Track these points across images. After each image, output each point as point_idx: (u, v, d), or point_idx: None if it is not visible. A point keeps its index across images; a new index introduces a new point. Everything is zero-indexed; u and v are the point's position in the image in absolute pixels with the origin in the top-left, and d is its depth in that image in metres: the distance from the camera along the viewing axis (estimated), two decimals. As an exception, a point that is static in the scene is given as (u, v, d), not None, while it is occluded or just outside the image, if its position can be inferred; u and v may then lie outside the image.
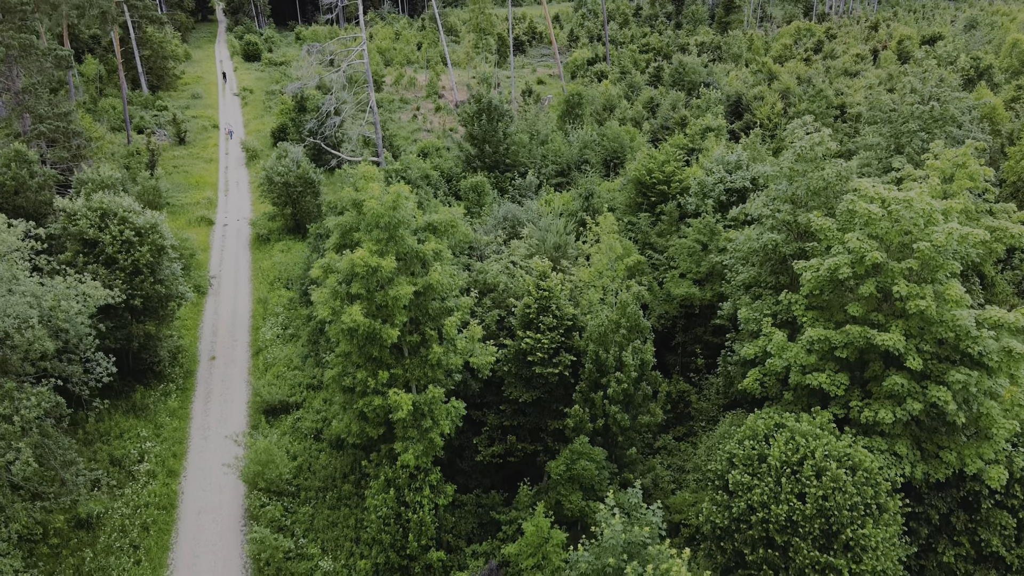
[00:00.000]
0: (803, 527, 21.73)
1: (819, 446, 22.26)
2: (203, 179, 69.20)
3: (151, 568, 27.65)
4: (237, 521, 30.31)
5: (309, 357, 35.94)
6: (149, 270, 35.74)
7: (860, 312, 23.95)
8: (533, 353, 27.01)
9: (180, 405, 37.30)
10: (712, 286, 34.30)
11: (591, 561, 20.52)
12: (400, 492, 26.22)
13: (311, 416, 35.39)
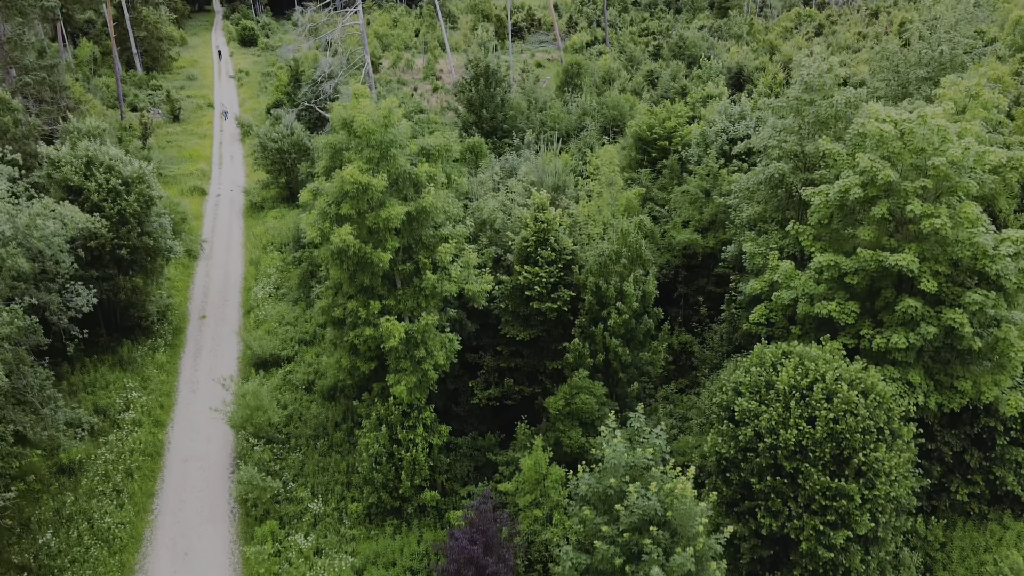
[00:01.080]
0: (813, 452, 20.76)
1: (829, 370, 21.30)
2: (197, 152, 68.22)
3: (135, 512, 26.63)
4: (225, 469, 29.30)
5: (300, 301, 34.96)
6: (136, 220, 34.74)
7: (871, 236, 23.02)
8: (531, 288, 26.05)
9: (168, 360, 36.29)
10: (715, 234, 33.37)
11: (591, 484, 19.55)
12: (392, 430, 25.24)
13: (303, 369, 34.40)
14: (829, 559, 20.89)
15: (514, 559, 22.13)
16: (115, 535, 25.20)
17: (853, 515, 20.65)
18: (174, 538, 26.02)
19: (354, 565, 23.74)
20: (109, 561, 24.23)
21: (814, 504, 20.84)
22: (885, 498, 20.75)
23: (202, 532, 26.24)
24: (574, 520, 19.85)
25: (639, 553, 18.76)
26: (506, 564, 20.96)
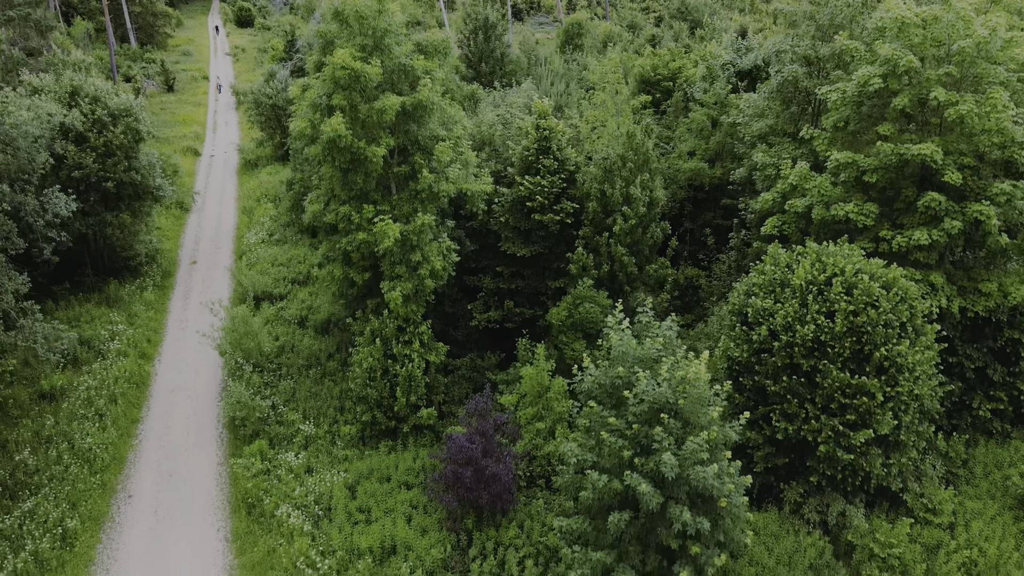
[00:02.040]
0: (832, 348, 19.60)
1: (849, 263, 20.13)
2: (191, 118, 67.11)
3: (118, 435, 25.42)
4: (214, 399, 28.09)
5: (291, 225, 33.80)
6: (123, 154, 33.51)
7: (891, 132, 21.87)
8: (533, 199, 24.88)
9: (157, 299, 35.11)
10: (723, 163, 32.21)
11: (597, 377, 18.37)
12: (387, 344, 24.06)
13: (295, 306, 33.22)
14: (848, 462, 19.74)
15: (514, 465, 20.96)
16: (96, 455, 23.99)
17: (874, 414, 19.50)
18: (159, 460, 24.83)
19: (346, 480, 22.55)
20: (89, 480, 23.02)
21: (833, 404, 19.69)
22: (908, 395, 19.60)
23: (188, 456, 25.04)
24: (580, 418, 18.68)
25: (649, 445, 17.61)
26: (506, 466, 19.79)
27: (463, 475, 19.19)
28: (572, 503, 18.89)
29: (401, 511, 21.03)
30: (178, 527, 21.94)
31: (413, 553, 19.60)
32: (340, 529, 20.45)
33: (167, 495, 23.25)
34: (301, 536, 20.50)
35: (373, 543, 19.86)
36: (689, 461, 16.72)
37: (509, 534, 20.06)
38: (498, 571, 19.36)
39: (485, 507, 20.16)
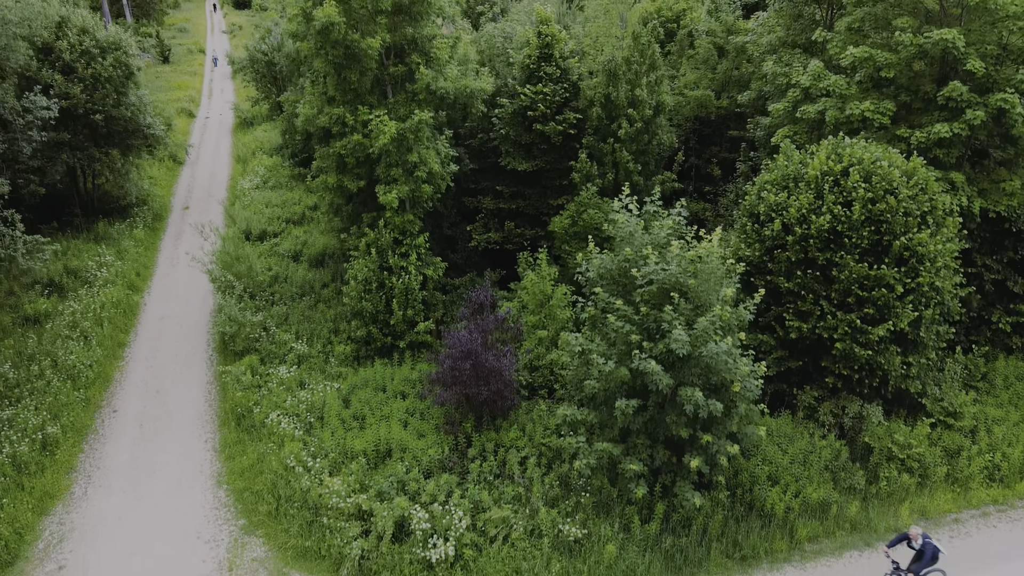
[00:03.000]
0: (849, 238, 18.69)
1: (867, 152, 19.21)
2: (186, 84, 66.14)
3: (103, 355, 24.47)
4: (203, 325, 27.14)
5: (285, 149, 32.89)
6: (112, 87, 32.55)
7: (910, 24, 20.93)
8: (535, 108, 23.95)
9: (148, 238, 34.16)
10: (728, 93, 31.27)
11: (604, 261, 17.44)
12: (383, 256, 23.11)
13: (290, 242, 32.30)
14: (865, 360, 18.83)
15: (516, 373, 20.04)
16: (80, 372, 23.04)
17: (893, 307, 18.58)
18: (145, 379, 23.89)
19: (340, 392, 21.61)
20: (72, 395, 22.06)
21: (850, 298, 18.77)
22: (929, 287, 18.67)
23: (176, 375, 24.11)
24: (586, 310, 17.75)
25: (658, 330, 16.69)
26: (506, 360, 18.85)
27: (461, 369, 18.25)
28: (577, 395, 17.99)
29: (397, 417, 20.09)
30: (164, 439, 21.01)
31: (409, 453, 18.66)
32: (333, 433, 19.51)
33: (153, 410, 22.31)
34: (292, 441, 19.57)
35: (367, 446, 18.92)
36: (701, 339, 15.81)
37: (510, 435, 19.13)
38: (498, 471, 18.42)
39: (485, 406, 19.23)
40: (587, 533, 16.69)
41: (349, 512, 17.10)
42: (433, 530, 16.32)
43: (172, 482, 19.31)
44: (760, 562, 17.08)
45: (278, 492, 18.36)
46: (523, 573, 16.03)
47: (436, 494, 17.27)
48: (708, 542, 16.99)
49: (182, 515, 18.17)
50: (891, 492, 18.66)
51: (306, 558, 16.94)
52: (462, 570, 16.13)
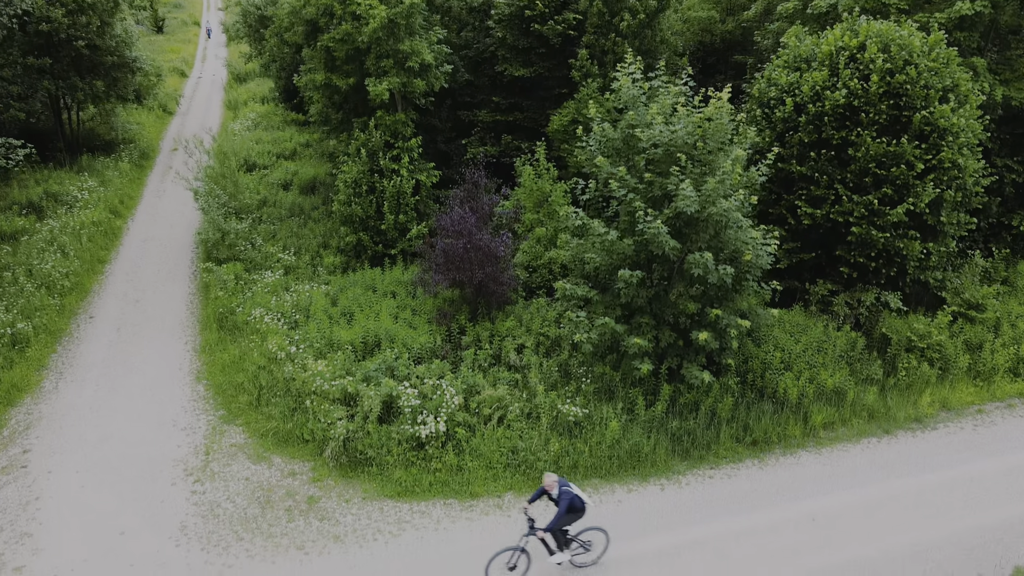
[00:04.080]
0: (866, 113, 17.62)
1: (885, 26, 18.12)
2: (179, 49, 65.11)
3: (82, 268, 23.39)
4: (188, 247, 26.08)
5: (274, 63, 31.83)
6: (96, 14, 31.45)
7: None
8: (532, 7, 22.86)
9: (134, 172, 33.09)
10: (735, 17, 30.18)
11: (606, 131, 16.37)
12: (374, 158, 22.04)
13: (279, 172, 31.24)
14: (882, 245, 17.74)
15: (512, 246, 18.96)
16: (56, 281, 21.96)
17: (913, 186, 17.51)
18: (125, 291, 22.82)
19: (328, 292, 20.53)
20: (46, 300, 20.98)
21: (867, 178, 17.70)
22: (951, 165, 17.59)
23: (158, 287, 23.04)
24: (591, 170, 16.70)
25: (664, 198, 15.65)
26: (501, 241, 17.76)
27: (455, 248, 17.17)
28: (577, 272, 16.93)
29: (387, 312, 19.02)
30: (142, 341, 19.93)
31: (399, 342, 17.59)
32: (319, 327, 18.43)
33: (132, 316, 21.25)
34: (276, 335, 18.49)
35: (354, 337, 17.84)
36: (710, 199, 14.76)
37: (506, 325, 18.05)
38: (494, 360, 17.35)
39: (480, 297, 18.16)
40: (588, 414, 15.62)
41: (334, 396, 16.02)
42: (423, 407, 15.24)
43: (148, 378, 18.24)
44: (772, 447, 16.02)
45: (259, 383, 17.29)
46: (520, 452, 14.96)
47: (427, 377, 16.20)
48: (717, 425, 15.93)
49: (157, 406, 17.10)
50: (910, 383, 17.60)
51: (288, 443, 15.87)
52: (454, 449, 15.06)
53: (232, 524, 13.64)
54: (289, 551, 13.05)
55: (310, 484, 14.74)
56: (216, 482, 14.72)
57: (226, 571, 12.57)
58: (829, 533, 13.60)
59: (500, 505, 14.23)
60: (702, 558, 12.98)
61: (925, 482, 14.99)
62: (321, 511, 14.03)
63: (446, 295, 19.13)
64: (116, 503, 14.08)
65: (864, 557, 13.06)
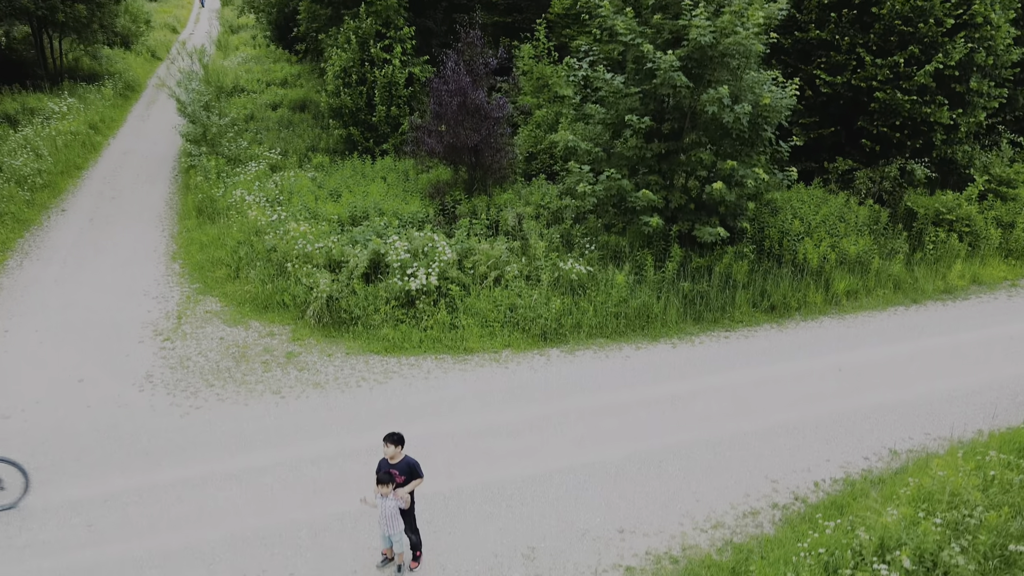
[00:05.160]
0: (891, -32, 16.38)
1: None
2: (171, 11, 63.85)
3: (56, 170, 22.15)
4: (171, 159, 24.85)
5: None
6: (80, -67, 30.27)
7: None
8: None
9: (118, 101, 31.87)
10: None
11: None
12: (365, 46, 20.80)
13: (269, 95, 29.99)
14: (908, 111, 16.52)
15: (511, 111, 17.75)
16: (28, 177, 20.72)
17: (942, 44, 16.28)
18: (101, 190, 21.61)
19: (316, 177, 19.31)
20: (18, 194, 19.72)
21: (892, 36, 16.47)
22: (983, 19, 16.36)
23: (136, 188, 21.83)
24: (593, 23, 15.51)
25: (674, 41, 14.45)
26: (498, 104, 16.54)
27: (449, 107, 15.94)
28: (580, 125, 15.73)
29: (377, 189, 17.81)
30: (115, 229, 18.71)
31: (389, 212, 16.36)
32: (303, 202, 17.22)
33: (107, 210, 20.04)
34: (258, 209, 17.26)
35: (341, 211, 16.62)
36: (725, 32, 13.56)
37: (504, 197, 16.84)
38: (491, 232, 16.12)
39: (477, 167, 16.93)
40: (592, 273, 14.40)
41: (317, 261, 14.79)
42: (413, 261, 14.02)
43: (120, 258, 17.01)
44: (792, 314, 14.80)
45: (239, 256, 16.06)
46: (519, 309, 13.74)
47: (418, 236, 14.96)
48: (732, 289, 14.72)
49: (128, 280, 15.88)
50: (938, 257, 16.38)
51: (268, 309, 14.64)
52: (447, 307, 13.84)
53: (203, 374, 12.42)
54: (264, 396, 11.84)
55: (289, 343, 13.53)
56: (188, 341, 13.50)
57: (193, 412, 11.36)
58: (857, 382, 12.40)
59: (497, 359, 13.02)
60: (719, 402, 11.78)
61: (961, 340, 13.79)
62: (300, 363, 12.81)
63: (440, 174, 17.93)
64: (77, 357, 12.87)
65: (897, 400, 11.85)
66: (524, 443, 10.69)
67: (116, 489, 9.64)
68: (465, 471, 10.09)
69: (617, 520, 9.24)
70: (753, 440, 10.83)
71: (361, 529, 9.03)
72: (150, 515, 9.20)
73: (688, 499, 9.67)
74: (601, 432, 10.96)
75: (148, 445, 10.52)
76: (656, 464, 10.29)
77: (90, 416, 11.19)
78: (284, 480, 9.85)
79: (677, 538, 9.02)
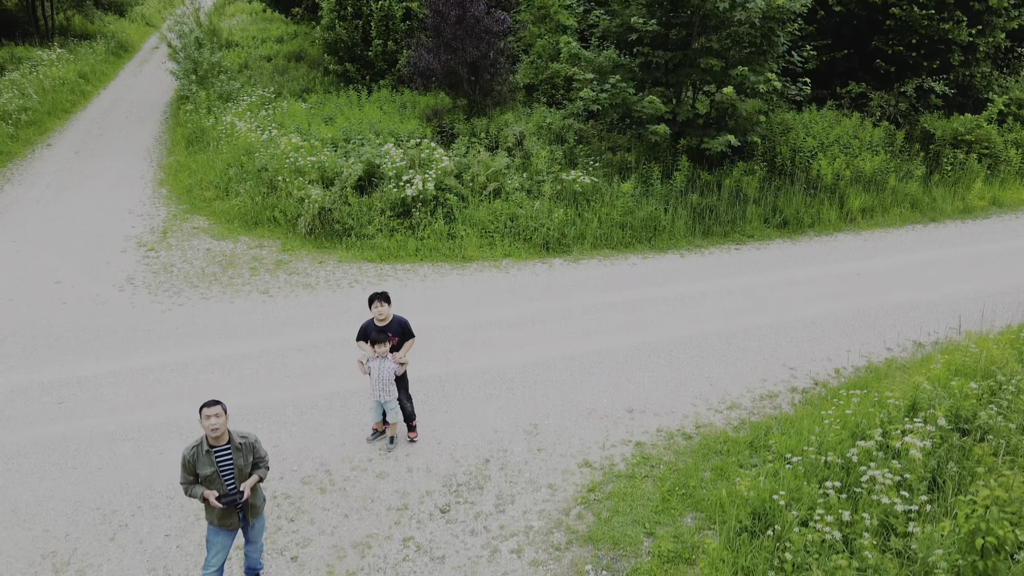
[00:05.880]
0: None
1: None
2: (168, -14, 63.05)
3: (43, 111, 21.49)
4: (162, 106, 24.19)
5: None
6: None
7: None
8: None
9: (111, 58, 31.15)
10: None
11: None
12: (360, -22, 20.14)
13: (266, 49, 29.30)
14: (925, 28, 15.85)
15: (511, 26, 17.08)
16: (12, 114, 20.04)
17: (960, -44, 15.62)
18: (88, 129, 20.98)
19: (308, 108, 18.66)
20: (1, 129, 19.08)
21: (908, -51, 15.79)
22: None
23: (124, 128, 21.18)
24: None
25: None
26: (498, 20, 15.87)
27: (447, 19, 15.27)
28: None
29: (373, 112, 17.16)
30: (102, 160, 18.06)
31: (385, 131, 15.71)
32: (296, 123, 16.58)
33: (94, 145, 19.39)
34: (250, 132, 16.61)
35: (336, 133, 15.98)
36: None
37: (505, 117, 16.19)
38: (491, 150, 15.46)
39: (475, 80, 16.26)
40: (596, 184, 13.76)
41: (311, 176, 14.14)
42: (410, 168, 13.39)
43: (105, 183, 16.37)
44: (805, 230, 14.17)
45: (228, 176, 15.42)
46: (520, 219, 13.10)
47: (413, 148, 14.32)
48: (743, 203, 14.08)
49: (112, 200, 15.25)
50: (956, 179, 15.73)
51: (258, 225, 14.00)
52: (445, 217, 13.20)
53: (188, 278, 11.80)
54: (251, 295, 11.21)
55: (279, 253, 12.89)
56: (173, 252, 12.87)
57: (175, 308, 10.74)
58: (877, 283, 11.78)
59: (497, 267, 12.39)
60: (732, 300, 11.15)
61: (984, 250, 13.17)
62: (290, 269, 12.19)
63: (440, 101, 17.27)
64: (54, 262, 12.24)
65: (919, 300, 11.22)
66: (525, 334, 10.07)
67: (90, 373, 9.03)
68: (463, 358, 9.48)
69: (625, 401, 8.63)
70: (769, 332, 10.21)
71: (351, 407, 8.42)
72: (125, 395, 8.59)
73: (701, 383, 9.05)
74: (607, 325, 10.34)
75: (126, 336, 9.90)
76: (666, 352, 9.67)
77: (66, 312, 10.57)
78: (269, 366, 9.23)
79: (690, 417, 8.41)
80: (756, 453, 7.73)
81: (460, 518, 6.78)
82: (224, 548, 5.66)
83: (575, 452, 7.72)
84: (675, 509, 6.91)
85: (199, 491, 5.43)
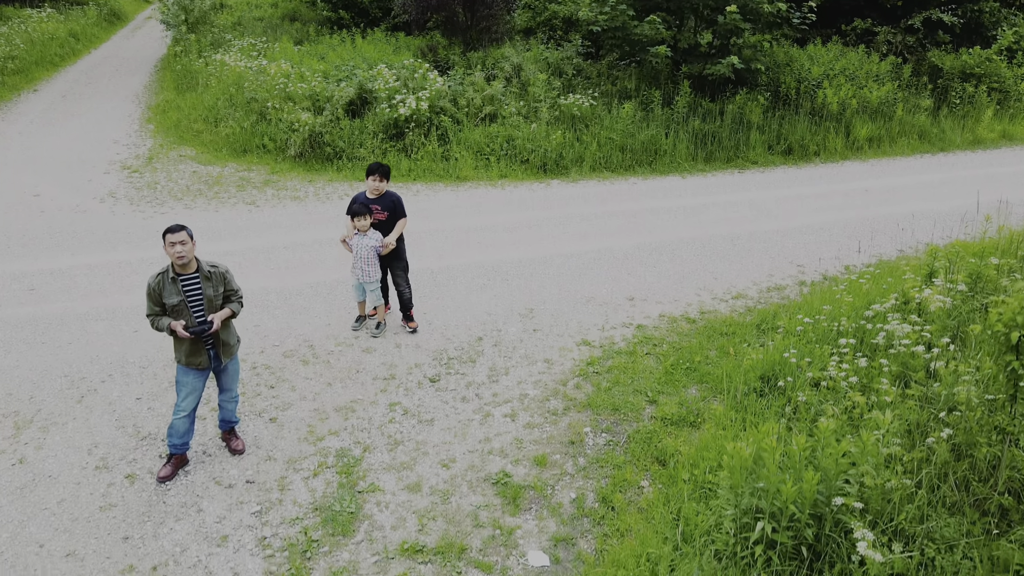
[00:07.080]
0: None
1: None
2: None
3: (30, 60, 21.03)
4: (152, 60, 23.75)
5: None
6: None
7: None
8: None
9: (102, 23, 30.71)
10: None
11: None
12: (354, -79, 19.70)
13: (261, 11, 28.83)
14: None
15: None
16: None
17: None
18: (77, 78, 20.51)
19: (300, 48, 18.23)
20: (-14, 74, 18.67)
21: None
22: None
23: (114, 78, 20.68)
24: None
25: None
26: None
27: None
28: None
29: (367, 50, 16.74)
30: (89, 103, 17.57)
31: (378, 65, 15.27)
32: (287, 56, 16.15)
33: (81, 91, 18.92)
34: (239, 64, 16.18)
35: (327, 67, 15.53)
36: None
37: (502, 51, 15.76)
38: (485, 85, 15.03)
39: (471, 16, 15.84)
40: (594, 107, 13.34)
41: (302, 104, 13.71)
42: (403, 88, 12.97)
43: (91, 121, 15.92)
44: (811, 157, 13.75)
45: (217, 108, 14.98)
46: (517, 141, 12.69)
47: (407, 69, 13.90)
48: (746, 129, 13.66)
49: (97, 133, 14.81)
50: (965, 113, 15.33)
51: (247, 152, 13.56)
52: (439, 139, 12.78)
53: (172, 192, 11.39)
54: (237, 206, 10.80)
55: (268, 175, 12.47)
56: (158, 173, 12.44)
57: (157, 216, 10.32)
58: (887, 196, 11.38)
59: (493, 185, 11.97)
60: (735, 209, 10.74)
61: (994, 172, 12.77)
62: (279, 186, 11.77)
63: (433, 41, 16.83)
64: (34, 180, 11.82)
65: (931, 210, 10.82)
66: (521, 236, 9.66)
67: (64, 266, 8.61)
68: (455, 254, 9.07)
69: (626, 291, 8.22)
70: (775, 236, 9.82)
71: (338, 294, 8.01)
72: (101, 283, 8.17)
73: (705, 276, 8.65)
74: (607, 228, 9.94)
75: (104, 237, 9.49)
76: (669, 251, 9.27)
77: (44, 219, 10.15)
78: (254, 261, 8.82)
79: (694, 305, 8.00)
80: (764, 335, 7.33)
81: (451, 387, 6.38)
82: (195, 390, 5.22)
83: (573, 333, 7.32)
84: (679, 381, 6.50)
85: (166, 322, 5.00)
